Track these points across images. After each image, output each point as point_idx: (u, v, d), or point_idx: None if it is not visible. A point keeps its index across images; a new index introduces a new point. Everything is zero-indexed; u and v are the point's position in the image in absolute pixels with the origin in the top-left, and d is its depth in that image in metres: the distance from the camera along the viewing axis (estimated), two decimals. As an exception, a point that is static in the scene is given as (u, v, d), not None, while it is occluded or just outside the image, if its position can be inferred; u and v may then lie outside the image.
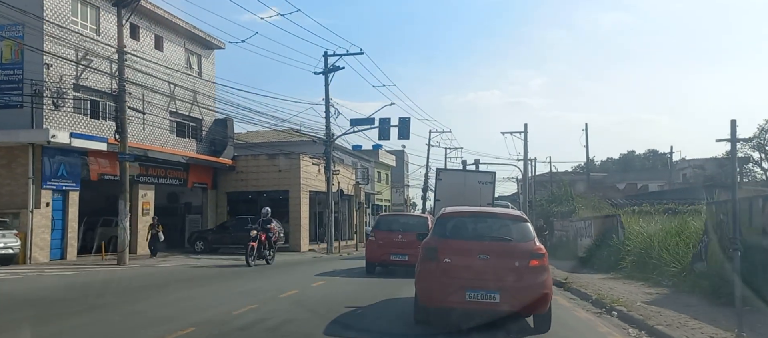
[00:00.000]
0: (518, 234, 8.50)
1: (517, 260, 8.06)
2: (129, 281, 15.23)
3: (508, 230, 8.67)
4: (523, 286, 7.90)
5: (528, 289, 7.88)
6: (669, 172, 49.82)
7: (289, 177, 31.08)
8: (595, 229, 21.07)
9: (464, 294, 7.91)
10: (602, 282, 14.28)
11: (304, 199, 31.46)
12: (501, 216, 9.42)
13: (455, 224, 8.97)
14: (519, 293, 7.88)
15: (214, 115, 31.09)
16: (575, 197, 35.60)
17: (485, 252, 8.18)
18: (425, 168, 54.04)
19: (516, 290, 7.88)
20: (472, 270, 8.02)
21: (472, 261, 8.10)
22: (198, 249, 27.20)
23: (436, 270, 8.16)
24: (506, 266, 8.02)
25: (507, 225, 8.83)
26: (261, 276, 16.96)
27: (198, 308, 10.30)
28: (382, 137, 29.89)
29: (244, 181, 31.42)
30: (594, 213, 27.04)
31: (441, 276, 8.11)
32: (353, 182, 39.50)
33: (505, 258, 8.11)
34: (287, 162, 31.21)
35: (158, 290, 13.31)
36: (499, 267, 8.01)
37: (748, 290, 8.84)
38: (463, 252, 8.26)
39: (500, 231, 8.70)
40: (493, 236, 8.58)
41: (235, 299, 11.24)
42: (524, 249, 8.18)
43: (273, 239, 21.02)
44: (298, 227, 30.83)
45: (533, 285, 7.90)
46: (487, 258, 8.10)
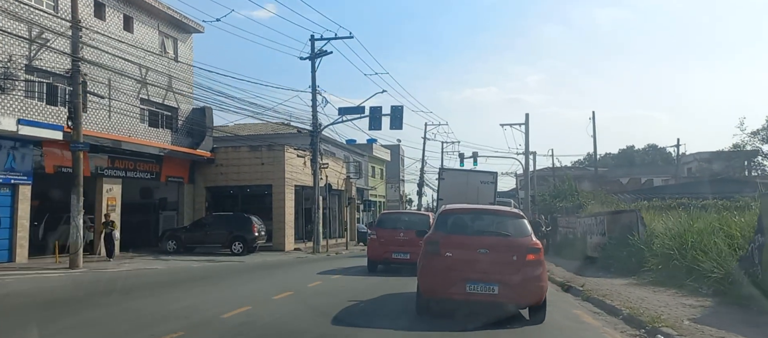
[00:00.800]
0: (515, 229, 8.90)
1: (514, 254, 8.45)
2: (53, 292, 12.63)
3: (506, 226, 9.05)
4: (520, 279, 8.31)
5: (525, 282, 8.32)
6: (675, 166, 47.65)
7: (273, 170, 28.76)
8: (608, 226, 18.81)
9: (465, 286, 8.29)
10: (627, 290, 12.02)
11: (289, 194, 29.14)
12: (499, 213, 9.90)
13: (456, 220, 9.33)
14: (516, 285, 8.29)
15: (191, 104, 28.71)
16: (580, 192, 33.40)
17: (485, 246, 8.55)
18: (421, 162, 51.82)
19: (514, 283, 8.28)
20: (473, 264, 8.38)
21: (472, 255, 8.47)
22: (170, 249, 24.88)
23: (439, 263, 8.54)
24: (504, 260, 8.43)
25: (505, 222, 9.23)
26: (212, 286, 14.63)
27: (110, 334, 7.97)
28: (373, 127, 27.62)
29: (224, 175, 29.08)
30: (603, 208, 24.85)
31: (443, 269, 8.50)
32: (343, 176, 37.18)
33: (504, 253, 8.51)
34: (271, 154, 28.87)
35: (75, 305, 10.54)
36: (497, 261, 8.40)
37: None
38: (464, 247, 8.64)
39: (499, 227, 9.09)
40: (492, 231, 8.99)
41: (156, 323, 8.35)
42: (521, 244, 8.55)
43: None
44: (282, 224, 28.52)
45: (530, 278, 8.36)
46: (487, 253, 8.47)
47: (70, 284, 14.27)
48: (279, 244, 28.46)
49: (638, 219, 16.01)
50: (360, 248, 34.27)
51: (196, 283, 14.24)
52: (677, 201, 28.30)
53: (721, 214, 13.79)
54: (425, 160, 52.93)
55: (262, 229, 26.11)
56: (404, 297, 11.02)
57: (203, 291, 12.70)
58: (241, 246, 24.90)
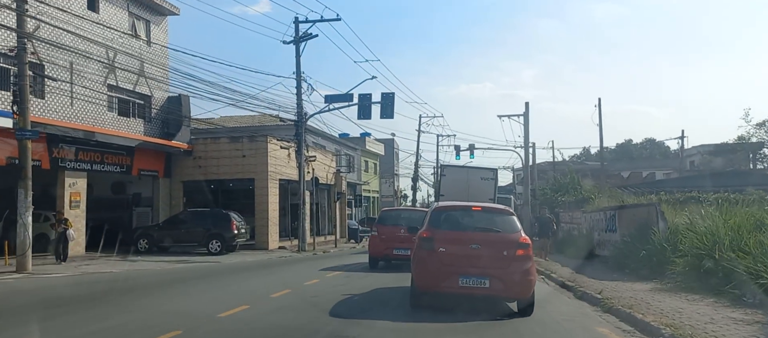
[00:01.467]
0: (506, 226, 9.22)
1: (505, 249, 8.77)
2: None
3: (496, 222, 9.34)
4: (510, 273, 8.63)
5: (515, 276, 8.62)
6: (679, 160, 45.83)
7: (255, 163, 26.76)
8: (621, 222, 16.92)
9: (458, 280, 8.62)
10: (655, 298, 10.10)
11: (273, 189, 27.16)
12: (490, 210, 10.02)
13: (448, 217, 9.67)
14: (507, 279, 8.60)
15: (167, 92, 26.66)
16: (582, 185, 31.56)
17: (477, 242, 8.86)
18: (415, 155, 49.87)
19: (504, 276, 8.60)
20: (465, 258, 8.72)
21: (465, 250, 8.81)
22: (141, 249, 22.90)
23: (432, 258, 8.85)
24: (495, 255, 8.73)
25: (495, 218, 9.51)
26: (160, 296, 12.64)
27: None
28: (363, 116, 25.65)
29: (203, 168, 27.06)
30: (612, 202, 23.03)
31: (436, 264, 8.80)
32: (333, 170, 35.20)
33: (495, 248, 8.81)
34: (252, 145, 26.87)
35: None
36: (489, 256, 8.70)
37: None
38: (456, 242, 8.94)
39: (490, 223, 9.36)
40: (483, 227, 9.25)
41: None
42: (511, 240, 8.89)
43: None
44: (266, 221, 26.55)
45: (520, 272, 8.67)
46: (479, 248, 8.78)
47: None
48: (262, 243, 26.50)
49: (658, 214, 14.11)
50: (350, 246, 32.33)
51: (146, 292, 12.20)
52: (686, 195, 26.56)
53: (760, 208, 11.86)
54: (420, 153, 51.05)
55: (243, 227, 24.15)
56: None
57: (145, 305, 10.37)
58: (218, 244, 22.94)
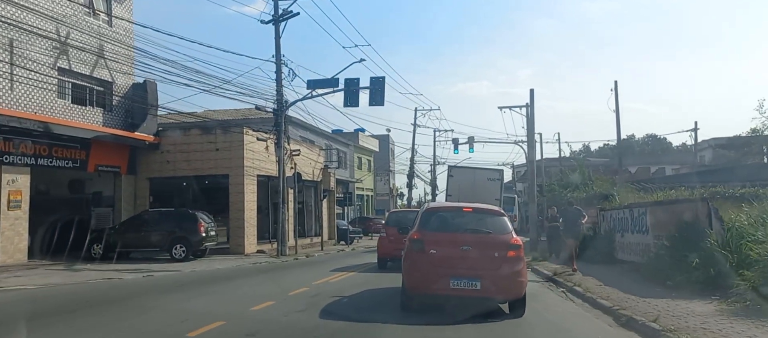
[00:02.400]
0: (497, 227, 9.24)
1: (496, 251, 8.80)
2: None
3: (487, 223, 9.34)
4: (501, 274, 8.66)
5: (506, 277, 8.67)
6: (693, 153, 43.06)
7: (230, 157, 23.86)
8: (655, 222, 14.10)
9: (449, 282, 8.58)
10: (735, 329, 7.27)
11: (250, 186, 24.27)
12: (481, 211, 9.88)
13: (439, 218, 9.66)
14: (498, 280, 8.63)
15: (131, 78, 23.75)
16: (595, 180, 28.80)
17: (467, 243, 8.86)
18: (411, 151, 47.02)
19: (495, 278, 8.62)
20: (456, 260, 8.70)
21: (455, 251, 8.80)
22: (95, 255, 20.01)
23: (423, 260, 8.85)
24: (487, 256, 8.74)
25: (486, 219, 9.50)
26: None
27: None
28: (350, 103, 22.76)
29: (171, 163, 24.15)
30: (630, 198, 20.27)
31: (427, 266, 8.79)
32: (320, 166, 32.30)
33: (486, 249, 8.83)
34: (227, 138, 23.95)
35: None
36: (480, 257, 8.71)
37: None
38: (447, 244, 8.92)
39: (480, 224, 9.36)
40: (474, 229, 9.24)
41: None
42: (503, 241, 8.91)
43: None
44: (241, 222, 23.66)
45: (511, 274, 8.72)
46: (470, 249, 8.78)
47: None
48: (237, 246, 23.61)
49: (711, 213, 11.30)
50: (339, 249, 29.45)
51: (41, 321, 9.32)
52: (709, 191, 23.74)
53: None
54: (415, 149, 48.21)
55: (212, 229, 21.26)
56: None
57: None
58: (183, 250, 20.07)
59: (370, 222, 46.50)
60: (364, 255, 24.31)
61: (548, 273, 15.55)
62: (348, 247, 30.87)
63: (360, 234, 36.55)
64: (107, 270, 17.09)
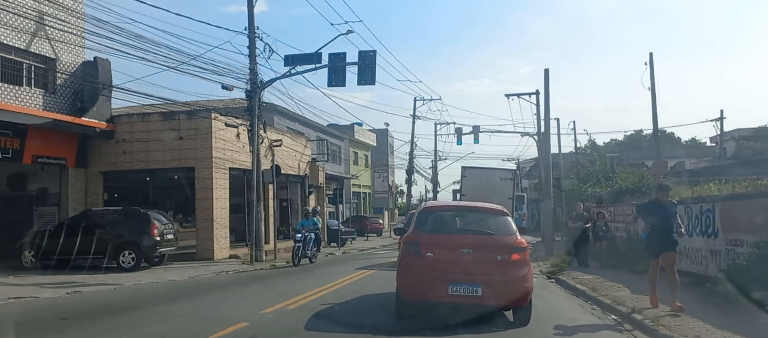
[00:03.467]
0: (500, 228, 8.53)
1: (499, 254, 8.11)
2: None
3: (489, 224, 8.67)
4: (504, 280, 7.96)
5: (510, 283, 7.96)
6: (719, 145, 39.51)
7: (196, 147, 20.40)
8: (728, 221, 10.59)
9: (447, 288, 7.93)
10: None
11: (221, 181, 20.82)
12: (482, 211, 9.29)
13: (437, 218, 9.01)
14: (501, 286, 7.92)
15: (82, 55, 20.29)
16: (619, 172, 25.33)
17: (468, 246, 8.20)
18: (410, 144, 43.53)
19: (498, 283, 7.92)
20: (455, 264, 8.05)
21: (454, 255, 8.13)
22: (27, 263, 16.60)
23: (419, 264, 8.16)
24: (488, 260, 8.06)
25: (488, 220, 8.83)
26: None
27: None
28: (335, 82, 19.26)
29: (128, 155, 20.71)
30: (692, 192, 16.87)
31: (423, 271, 8.11)
32: (307, 159, 28.83)
33: (488, 252, 8.15)
34: (192, 124, 20.49)
35: None
36: (481, 261, 8.03)
37: None
38: (445, 247, 8.28)
39: (482, 225, 8.74)
40: (475, 230, 8.67)
41: None
42: (506, 243, 8.23)
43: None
44: (210, 223, 20.22)
45: (515, 279, 8.00)
46: (470, 252, 8.12)
47: None
48: (205, 251, 20.18)
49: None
50: (328, 252, 25.97)
51: None
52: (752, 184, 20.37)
53: None
54: (415, 142, 44.69)
55: (170, 231, 17.83)
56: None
57: None
58: (133, 256, 16.64)
59: (366, 221, 43.04)
60: (355, 260, 20.86)
61: (600, 299, 10.83)
62: (339, 250, 27.38)
63: (354, 235, 33.03)
64: (27, 284, 13.64)
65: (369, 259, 21.57)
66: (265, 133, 21.00)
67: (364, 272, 15.94)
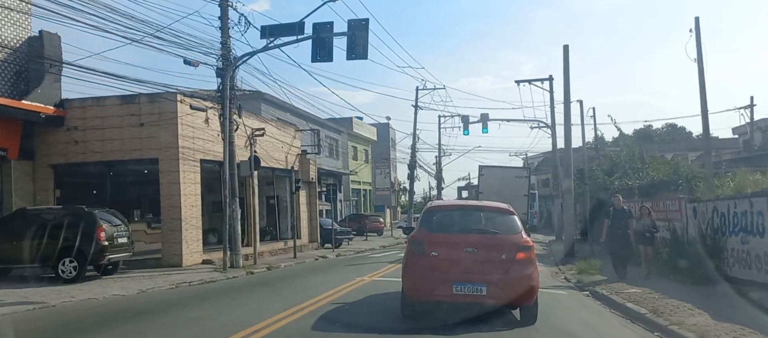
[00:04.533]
0: (505, 227, 8.49)
1: (503, 253, 8.06)
2: None
3: (494, 223, 8.66)
4: (510, 279, 7.91)
5: (515, 282, 7.91)
6: (750, 134, 36.30)
7: (159, 135, 17.48)
8: None
9: (451, 287, 7.88)
10: None
11: (190, 174, 17.90)
12: (487, 210, 9.25)
13: (442, 217, 8.98)
14: (506, 285, 7.88)
15: (28, 30, 17.38)
16: (650, 163, 22.32)
17: (472, 245, 8.13)
18: (412, 136, 40.48)
19: (503, 283, 7.87)
20: (459, 264, 8.00)
21: (459, 254, 8.07)
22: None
23: (423, 264, 8.14)
24: (493, 259, 8.02)
25: (493, 218, 8.79)
26: None
27: None
28: (320, 56, 16.22)
29: (81, 145, 17.80)
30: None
31: (428, 270, 8.08)
32: (297, 151, 25.88)
33: (492, 251, 8.11)
34: (154, 107, 17.56)
35: None
36: (485, 260, 8.00)
37: None
38: (449, 246, 8.20)
39: (487, 224, 8.70)
40: (479, 229, 8.58)
41: None
42: (511, 242, 8.17)
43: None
44: (178, 224, 17.30)
45: (520, 278, 7.95)
46: (474, 251, 8.08)
47: None
48: (172, 256, 17.27)
49: None
50: (319, 255, 22.99)
51: None
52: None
53: None
54: (418, 135, 41.64)
55: (123, 234, 14.90)
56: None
57: None
58: (74, 265, 13.71)
59: (365, 219, 40.05)
60: (347, 268, 17.84)
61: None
62: (333, 253, 24.41)
63: (350, 236, 30.04)
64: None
65: (363, 264, 18.61)
66: (240, 119, 18.02)
67: (354, 283, 12.95)
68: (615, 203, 13.14)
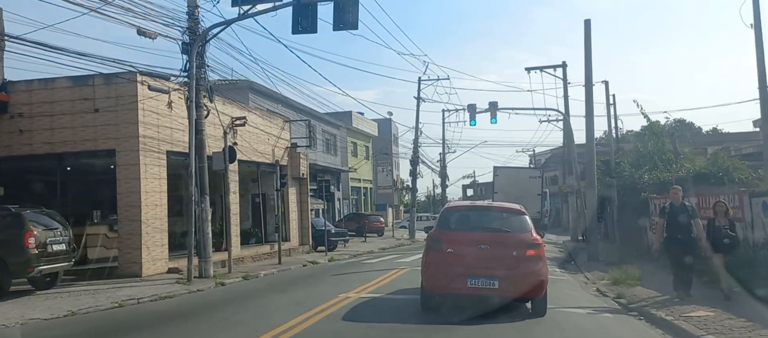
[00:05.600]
0: (516, 226, 9.17)
1: (514, 250, 8.72)
2: None
3: (506, 222, 9.33)
4: (520, 274, 8.58)
5: (525, 276, 8.57)
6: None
7: (117, 122, 14.95)
8: None
9: (466, 281, 8.56)
10: None
11: (153, 167, 15.35)
12: (500, 210, 9.93)
13: (458, 217, 9.72)
14: (516, 280, 8.53)
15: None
16: (685, 153, 19.76)
17: (485, 242, 8.82)
18: (415, 129, 37.88)
19: (514, 277, 8.54)
20: (473, 259, 8.66)
21: (473, 250, 8.72)
22: None
23: (440, 259, 8.87)
24: (504, 255, 8.69)
25: (506, 218, 9.47)
26: None
27: None
28: (302, 27, 13.54)
29: (28, 135, 15.25)
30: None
31: (445, 265, 8.79)
32: (286, 144, 23.33)
33: (504, 248, 8.77)
34: (111, 91, 15.01)
35: None
36: (498, 256, 8.66)
37: None
38: (465, 243, 8.90)
39: (499, 223, 9.38)
40: (492, 228, 9.24)
41: None
42: (521, 240, 8.85)
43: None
44: (137, 226, 14.76)
45: (530, 273, 8.61)
46: (487, 248, 8.72)
47: None
48: (131, 265, 14.73)
49: None
50: (308, 260, 20.37)
51: None
52: None
53: None
54: (421, 129, 39.07)
55: (61, 240, 12.36)
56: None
57: None
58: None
59: (365, 219, 37.44)
60: (334, 278, 15.19)
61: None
62: (326, 257, 21.82)
63: (346, 237, 27.42)
64: None
65: (354, 273, 15.95)
66: (212, 103, 15.48)
67: (334, 304, 10.29)
68: (672, 198, 10.31)
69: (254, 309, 10.31)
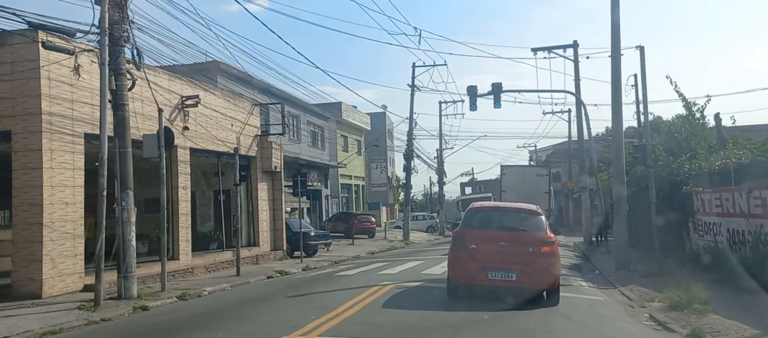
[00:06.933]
0: (532, 225, 10.33)
1: (530, 246, 9.89)
2: None
3: (523, 222, 10.46)
4: (535, 268, 9.74)
5: (540, 270, 9.76)
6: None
7: (13, 95, 11.51)
8: None
9: (487, 273, 9.81)
10: None
11: (64, 155, 11.90)
12: (519, 211, 11.05)
13: (481, 217, 11.00)
14: (532, 273, 9.73)
15: None
16: (731, 142, 16.33)
17: (504, 240, 10.02)
18: (409, 120, 34.45)
19: (530, 271, 9.72)
20: (494, 254, 9.87)
21: (493, 247, 9.94)
22: None
23: (465, 254, 10.05)
24: (522, 251, 9.85)
25: (523, 218, 10.59)
26: None
27: None
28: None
29: None
30: None
31: (468, 260, 9.97)
32: (256, 131, 19.88)
33: (521, 245, 9.95)
34: (4, 54, 11.54)
35: None
36: (515, 252, 9.85)
37: None
38: (486, 240, 10.10)
39: (517, 222, 10.50)
40: (511, 227, 10.40)
41: None
42: (537, 238, 10.02)
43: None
44: (38, 230, 11.31)
45: (544, 267, 9.79)
46: (506, 245, 9.94)
47: None
48: (28, 282, 11.27)
49: None
50: (277, 270, 16.83)
51: None
52: None
53: None
54: (415, 120, 35.65)
55: None
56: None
57: None
58: None
59: (354, 219, 33.98)
60: (293, 300, 11.58)
61: None
62: (301, 265, 18.34)
63: (329, 241, 23.86)
64: None
65: (322, 293, 12.16)
66: (139, 71, 12.00)
67: None
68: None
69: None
